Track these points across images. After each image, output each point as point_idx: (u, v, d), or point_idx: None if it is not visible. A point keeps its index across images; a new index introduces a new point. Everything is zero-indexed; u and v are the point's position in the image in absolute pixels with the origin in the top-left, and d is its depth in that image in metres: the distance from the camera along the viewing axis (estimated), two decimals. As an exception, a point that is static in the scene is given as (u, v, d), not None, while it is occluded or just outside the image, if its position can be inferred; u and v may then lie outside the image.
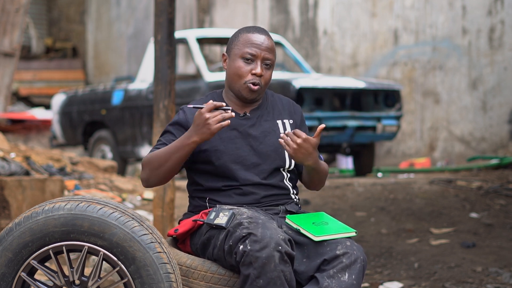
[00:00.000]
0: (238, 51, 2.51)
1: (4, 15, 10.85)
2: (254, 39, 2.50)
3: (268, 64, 2.51)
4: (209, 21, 12.67)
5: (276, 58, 2.57)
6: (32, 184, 4.86)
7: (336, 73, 10.77)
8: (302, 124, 2.67)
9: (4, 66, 10.95)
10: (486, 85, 9.33)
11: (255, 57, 2.49)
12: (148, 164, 2.47)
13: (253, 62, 2.49)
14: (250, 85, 2.49)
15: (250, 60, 2.49)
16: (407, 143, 10.11)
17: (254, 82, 2.49)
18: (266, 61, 2.50)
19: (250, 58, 2.49)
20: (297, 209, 2.59)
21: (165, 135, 2.54)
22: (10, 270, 2.24)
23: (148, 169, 2.47)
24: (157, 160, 2.44)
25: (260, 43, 2.49)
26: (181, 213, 4.47)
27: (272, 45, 2.52)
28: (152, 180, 2.49)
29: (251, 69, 2.49)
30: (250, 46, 2.49)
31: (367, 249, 4.68)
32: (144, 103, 7.91)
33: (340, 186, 6.54)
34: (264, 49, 2.49)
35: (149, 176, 2.47)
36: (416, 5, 10.00)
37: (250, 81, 2.49)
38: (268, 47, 2.50)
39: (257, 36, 2.51)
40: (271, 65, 2.52)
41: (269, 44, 2.51)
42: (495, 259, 4.46)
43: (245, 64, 2.49)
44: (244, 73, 2.49)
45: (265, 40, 2.51)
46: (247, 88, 2.50)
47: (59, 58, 15.58)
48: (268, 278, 2.20)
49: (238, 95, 2.54)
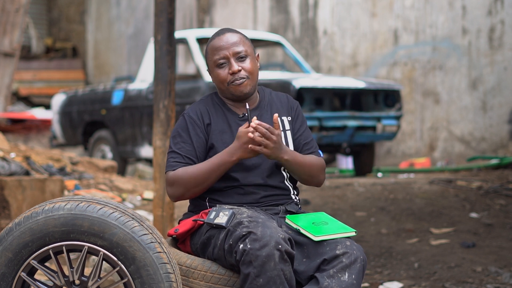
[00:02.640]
0: (210, 62, 2.55)
1: (4, 15, 10.86)
2: (216, 44, 2.53)
3: (242, 56, 2.52)
4: (209, 21, 12.67)
5: (252, 46, 2.58)
6: (32, 184, 4.86)
7: (336, 73, 10.77)
8: (298, 118, 2.66)
9: (4, 66, 10.96)
10: (486, 85, 9.33)
11: (226, 58, 2.51)
12: (182, 184, 2.47)
13: (227, 63, 2.52)
14: (232, 85, 2.52)
15: (224, 63, 2.52)
16: (407, 143, 10.11)
17: (235, 80, 2.51)
18: (237, 55, 2.52)
19: (222, 62, 2.52)
20: (297, 209, 2.59)
21: (178, 143, 2.53)
22: (10, 270, 2.24)
23: (183, 187, 2.48)
24: (194, 180, 2.46)
25: (222, 44, 2.52)
26: (181, 213, 4.47)
27: (237, 38, 2.54)
28: (187, 195, 2.51)
29: (229, 70, 2.51)
30: (216, 52, 2.53)
31: (367, 249, 4.68)
32: (144, 103, 7.91)
33: (340, 186, 6.54)
34: (229, 47, 2.51)
35: (183, 193, 2.49)
36: (416, 5, 10.00)
37: (231, 80, 2.51)
38: (232, 42, 2.52)
39: (217, 40, 2.54)
40: (246, 55, 2.53)
41: (232, 39, 2.53)
42: (495, 259, 4.46)
43: (221, 69, 2.52)
44: (223, 78, 2.52)
45: (227, 37, 2.53)
46: (233, 87, 2.52)
47: (59, 58, 15.58)
48: (268, 276, 2.20)
49: (232, 98, 2.57)
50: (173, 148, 2.53)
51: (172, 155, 2.52)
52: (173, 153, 2.52)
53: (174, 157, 2.51)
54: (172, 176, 2.48)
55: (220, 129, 2.55)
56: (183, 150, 2.51)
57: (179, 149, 2.51)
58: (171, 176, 2.49)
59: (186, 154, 2.50)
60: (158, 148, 4.01)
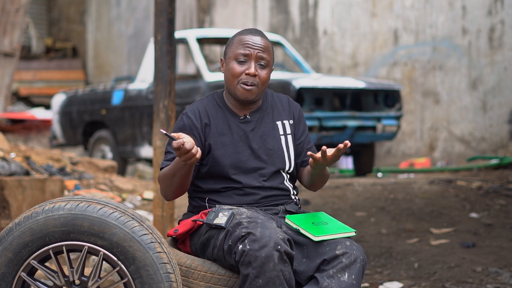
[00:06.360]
0: (231, 53, 2.50)
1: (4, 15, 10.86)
2: (246, 40, 2.48)
3: (263, 64, 2.48)
4: (209, 21, 12.67)
5: (273, 58, 2.54)
6: (32, 184, 4.86)
7: (336, 73, 10.77)
8: (300, 122, 2.65)
9: (4, 66, 10.96)
10: (486, 85, 9.33)
11: (249, 57, 2.47)
12: (161, 182, 2.47)
13: (247, 62, 2.48)
14: (242, 85, 2.48)
15: (244, 61, 2.48)
16: (407, 143, 10.11)
17: (246, 82, 2.47)
18: (260, 60, 2.48)
19: (244, 59, 2.47)
20: (297, 209, 2.59)
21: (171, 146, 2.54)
22: (10, 270, 2.24)
23: (162, 186, 2.48)
24: (165, 180, 2.44)
25: (252, 43, 2.48)
26: (181, 213, 4.48)
27: (267, 44, 2.50)
28: (169, 195, 2.49)
29: (245, 70, 2.48)
30: (242, 46, 2.48)
31: (367, 249, 4.68)
32: (144, 103, 7.91)
33: (340, 186, 6.54)
34: (257, 49, 2.47)
35: (166, 192, 2.48)
36: (416, 5, 10.00)
37: (243, 81, 2.47)
38: (262, 46, 2.48)
39: (249, 37, 2.49)
40: (267, 65, 2.49)
41: (263, 44, 2.49)
42: (495, 259, 4.46)
43: (239, 65, 2.48)
44: (237, 74, 2.48)
45: (259, 40, 2.49)
46: (240, 88, 2.48)
47: (59, 58, 15.57)
48: (267, 277, 2.20)
49: (235, 97, 2.53)
50: (167, 148, 2.53)
51: (166, 155, 2.53)
52: (167, 153, 2.52)
53: (166, 157, 2.52)
54: (158, 176, 2.50)
55: (219, 131, 2.53)
56: None
57: (171, 150, 2.50)
58: (158, 176, 2.50)
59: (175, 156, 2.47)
60: (158, 148, 4.01)
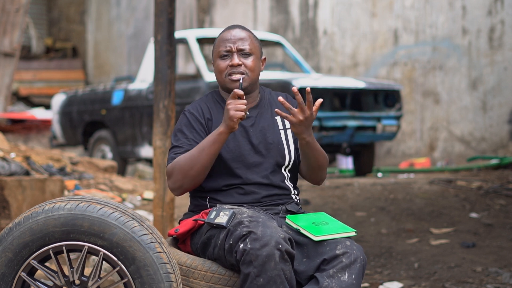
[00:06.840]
0: (215, 53, 2.58)
1: (4, 15, 10.86)
2: (225, 36, 2.57)
3: (247, 52, 2.55)
4: (209, 21, 12.67)
5: (259, 46, 2.61)
6: (32, 184, 4.86)
7: (336, 73, 10.77)
8: None
9: (4, 66, 10.96)
10: (486, 85, 9.33)
11: (230, 52, 2.55)
12: (178, 170, 2.45)
13: (230, 56, 2.55)
14: (229, 77, 2.54)
15: (227, 55, 2.55)
16: (407, 143, 10.11)
17: (232, 73, 2.53)
18: (241, 51, 2.54)
19: (226, 54, 2.55)
20: (297, 209, 2.59)
21: (179, 139, 2.54)
22: (10, 270, 2.24)
23: (179, 174, 2.46)
24: (188, 162, 2.44)
25: (230, 37, 2.55)
26: (181, 213, 4.48)
27: (245, 35, 2.57)
28: (186, 184, 2.47)
29: (229, 63, 2.54)
30: (223, 43, 2.56)
31: (367, 249, 4.68)
32: (144, 103, 7.91)
33: (340, 186, 6.54)
34: (235, 41, 2.54)
35: (182, 181, 2.46)
36: (416, 5, 10.00)
37: (228, 73, 2.54)
38: (240, 38, 2.55)
39: (227, 32, 2.58)
40: (251, 53, 2.55)
41: (241, 35, 2.56)
42: (495, 259, 4.46)
43: (223, 60, 2.55)
44: (223, 69, 2.55)
45: (237, 32, 2.57)
46: (229, 80, 2.54)
47: (59, 58, 15.57)
48: (268, 276, 2.20)
49: (228, 92, 2.57)
50: (174, 144, 2.54)
51: (173, 149, 2.53)
52: (174, 147, 2.53)
53: (174, 151, 2.52)
54: (170, 167, 2.49)
55: (220, 125, 2.56)
56: (184, 144, 2.51)
57: (180, 144, 2.52)
58: (169, 167, 2.49)
59: (187, 148, 2.50)
60: (158, 148, 4.01)
